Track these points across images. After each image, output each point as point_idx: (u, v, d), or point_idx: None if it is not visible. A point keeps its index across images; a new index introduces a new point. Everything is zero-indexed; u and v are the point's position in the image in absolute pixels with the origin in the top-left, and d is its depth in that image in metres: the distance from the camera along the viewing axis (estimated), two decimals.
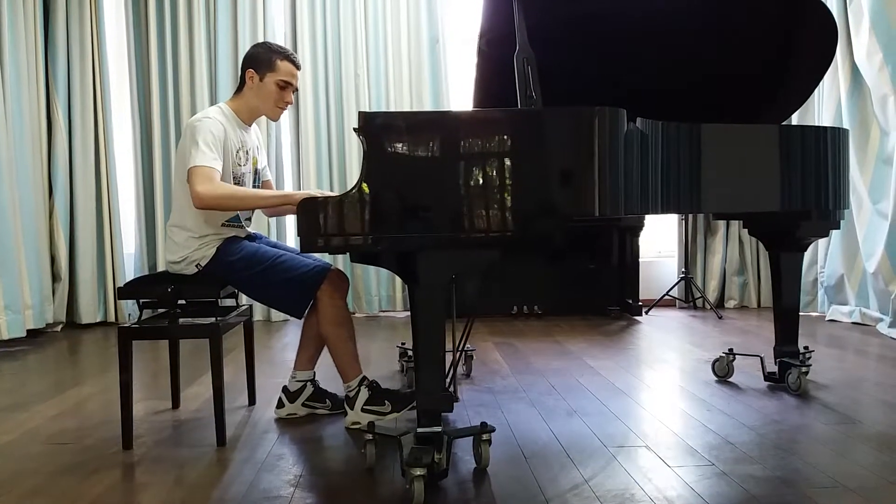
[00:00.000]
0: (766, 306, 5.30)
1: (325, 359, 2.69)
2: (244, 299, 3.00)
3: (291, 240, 5.08)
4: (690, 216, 5.32)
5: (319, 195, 2.02)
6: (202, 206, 2.41)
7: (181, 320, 2.46)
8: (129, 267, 5.11)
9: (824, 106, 4.78)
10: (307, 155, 5.13)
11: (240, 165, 2.60)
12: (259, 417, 2.70)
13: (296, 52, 5.02)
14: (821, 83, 3.13)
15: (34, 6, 4.67)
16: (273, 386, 3.03)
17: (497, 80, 2.55)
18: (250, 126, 2.71)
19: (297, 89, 2.69)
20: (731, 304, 5.38)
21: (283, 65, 2.61)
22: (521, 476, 2.05)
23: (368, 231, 1.94)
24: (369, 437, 2.13)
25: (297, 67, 2.65)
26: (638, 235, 5.11)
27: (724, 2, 2.75)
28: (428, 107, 5.15)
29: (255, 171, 2.72)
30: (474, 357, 3.42)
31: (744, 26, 2.81)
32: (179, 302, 2.47)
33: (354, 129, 1.99)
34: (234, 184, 2.56)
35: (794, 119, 4.71)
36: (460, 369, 3.26)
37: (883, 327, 4.17)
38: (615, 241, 5.12)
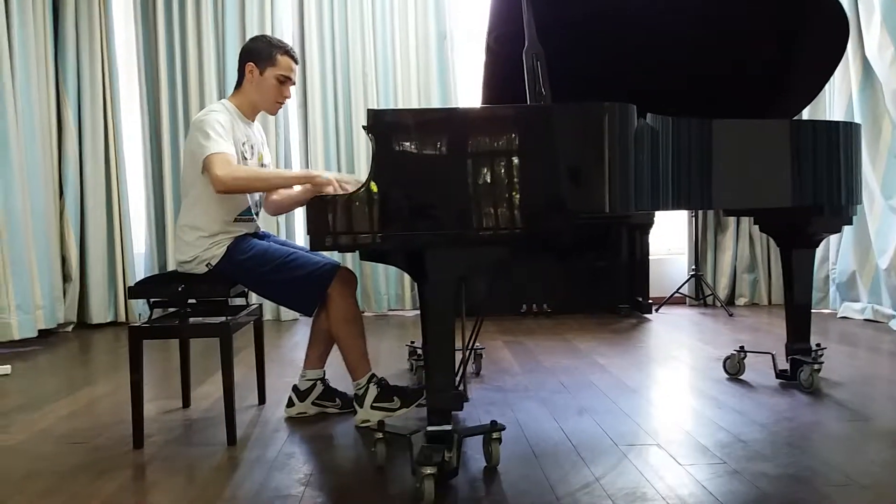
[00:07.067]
0: (777, 303, 5.27)
1: (334, 358, 2.69)
2: (254, 298, 3.00)
3: (300, 239, 5.09)
4: (700, 213, 5.29)
5: (334, 179, 2.06)
6: (224, 189, 2.41)
7: (191, 320, 2.46)
8: (140, 267, 5.13)
9: (835, 101, 4.74)
10: (315, 152, 5.12)
11: (246, 159, 2.61)
12: (269, 416, 2.71)
13: (303, 49, 5.06)
14: (832, 78, 3.11)
15: (43, 6, 4.69)
16: (283, 385, 3.04)
17: (506, 77, 2.54)
18: (252, 121, 2.72)
19: (294, 83, 2.69)
20: (741, 301, 5.35)
21: (283, 59, 2.62)
22: (532, 474, 2.04)
23: (377, 229, 1.94)
24: (379, 435, 2.13)
25: (296, 62, 2.67)
26: (647, 233, 5.08)
27: None
28: (436, 103, 5.14)
29: (262, 167, 2.73)
30: (484, 356, 3.42)
31: (753, 21, 2.79)
32: (190, 301, 2.47)
33: (364, 127, 1.99)
34: None
35: (805, 114, 4.68)
36: (470, 368, 3.25)
37: (895, 324, 4.14)
38: (624, 238, 5.08)
